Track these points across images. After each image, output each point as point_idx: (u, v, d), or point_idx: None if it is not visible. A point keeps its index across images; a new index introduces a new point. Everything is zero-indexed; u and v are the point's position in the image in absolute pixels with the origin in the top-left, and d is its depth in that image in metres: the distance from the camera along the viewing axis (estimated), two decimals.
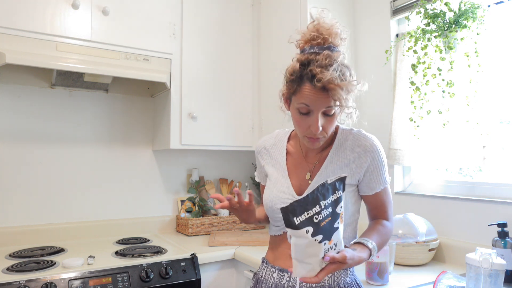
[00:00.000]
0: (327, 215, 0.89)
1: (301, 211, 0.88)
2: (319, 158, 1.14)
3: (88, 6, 1.88)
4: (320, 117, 1.00)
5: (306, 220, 0.87)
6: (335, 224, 0.91)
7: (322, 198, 0.90)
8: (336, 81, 0.95)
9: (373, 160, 1.07)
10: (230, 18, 2.32)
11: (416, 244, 1.58)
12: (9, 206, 1.98)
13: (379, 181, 1.09)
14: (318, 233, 0.87)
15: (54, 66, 1.77)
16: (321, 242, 0.87)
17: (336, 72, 0.95)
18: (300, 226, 0.87)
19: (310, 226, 0.87)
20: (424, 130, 1.76)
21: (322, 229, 0.88)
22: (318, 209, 0.89)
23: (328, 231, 0.89)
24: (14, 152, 2.01)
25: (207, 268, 1.81)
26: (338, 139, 1.12)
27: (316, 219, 0.88)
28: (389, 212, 1.14)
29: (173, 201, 2.45)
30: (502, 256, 1.31)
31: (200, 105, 2.19)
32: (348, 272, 1.11)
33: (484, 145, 1.57)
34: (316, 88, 0.97)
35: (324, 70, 0.95)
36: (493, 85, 1.58)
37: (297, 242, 0.88)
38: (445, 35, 1.63)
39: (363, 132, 1.11)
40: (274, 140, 1.24)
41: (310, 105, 0.99)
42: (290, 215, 0.87)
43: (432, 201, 1.77)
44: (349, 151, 1.09)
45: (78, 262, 1.56)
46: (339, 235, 0.92)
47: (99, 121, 2.24)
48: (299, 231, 0.87)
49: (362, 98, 2.15)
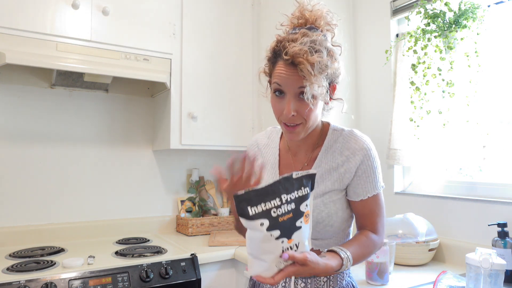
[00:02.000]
0: (288, 211, 0.82)
1: (258, 201, 0.81)
2: (308, 159, 1.06)
3: (88, 6, 1.88)
4: (294, 100, 0.93)
5: (263, 212, 0.80)
6: (297, 223, 0.83)
7: (284, 191, 0.83)
8: (305, 55, 0.88)
9: (362, 164, 1.00)
10: (230, 18, 2.32)
11: (416, 244, 1.58)
12: (9, 206, 1.98)
13: (366, 188, 1.01)
14: (275, 228, 0.80)
15: (54, 66, 1.77)
16: (279, 238, 0.81)
17: (306, 46, 0.89)
18: (255, 217, 0.80)
19: (266, 219, 0.80)
20: (424, 130, 1.76)
21: (281, 225, 0.81)
22: (277, 203, 0.82)
23: (287, 228, 0.82)
24: (14, 152, 2.01)
25: (207, 268, 1.80)
26: (327, 140, 1.05)
27: (274, 213, 0.81)
28: (378, 223, 1.03)
29: (173, 201, 2.45)
30: (502, 256, 1.31)
31: (200, 105, 2.19)
32: (345, 274, 1.06)
33: (484, 145, 1.57)
34: (287, 65, 0.92)
35: (294, 44, 0.90)
36: (493, 85, 1.58)
37: (252, 236, 0.82)
38: (445, 35, 1.63)
39: (354, 133, 1.04)
40: (267, 140, 1.18)
41: (282, 84, 0.94)
42: (245, 203, 0.80)
43: (432, 201, 1.77)
44: (338, 154, 1.02)
45: (78, 262, 1.56)
46: (302, 236, 0.84)
47: (99, 121, 2.24)
48: (253, 223, 0.80)
49: (362, 98, 2.15)
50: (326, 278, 1.02)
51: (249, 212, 0.80)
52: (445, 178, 1.81)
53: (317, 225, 1.01)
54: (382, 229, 1.05)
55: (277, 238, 0.81)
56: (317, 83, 0.90)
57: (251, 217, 0.80)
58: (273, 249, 0.81)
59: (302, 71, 0.89)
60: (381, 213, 1.04)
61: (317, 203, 1.00)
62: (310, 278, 1.01)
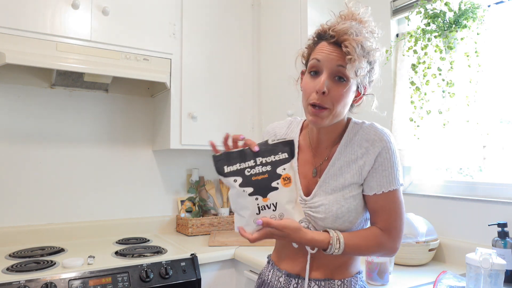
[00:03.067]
0: (263, 172, 0.91)
1: (233, 162, 0.92)
2: (328, 153, 1.04)
3: (88, 6, 1.88)
4: (329, 80, 0.93)
5: (237, 171, 0.91)
6: (273, 184, 0.90)
7: (260, 155, 0.92)
8: (352, 35, 0.90)
9: (379, 155, 0.96)
10: (230, 18, 2.32)
11: (416, 244, 1.58)
12: (9, 206, 1.98)
13: (381, 182, 0.96)
14: (248, 185, 0.90)
15: (54, 66, 1.77)
16: (252, 195, 0.90)
17: (353, 29, 0.91)
18: (229, 174, 0.91)
19: (239, 177, 0.90)
20: (424, 130, 1.75)
21: (254, 183, 0.90)
22: (251, 164, 0.91)
23: (262, 187, 0.90)
24: (14, 152, 2.01)
25: (207, 268, 1.80)
26: (347, 134, 1.02)
27: (248, 172, 0.91)
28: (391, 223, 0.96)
29: (173, 201, 2.45)
30: (502, 256, 1.31)
31: (200, 105, 2.19)
32: (358, 279, 1.05)
33: (484, 145, 1.57)
34: (330, 44, 0.93)
35: (341, 24, 0.93)
36: (493, 85, 1.58)
37: (231, 193, 0.93)
38: (445, 35, 1.63)
39: (375, 125, 1.01)
40: (286, 129, 1.14)
41: (321, 59, 0.93)
42: (221, 162, 0.92)
43: (432, 201, 1.77)
44: (357, 146, 0.99)
45: (78, 262, 1.56)
46: (280, 197, 0.91)
47: (99, 121, 2.24)
48: (227, 179, 0.91)
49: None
50: (340, 281, 1.01)
51: (224, 170, 0.92)
52: (445, 178, 1.81)
53: (336, 220, 0.97)
54: (395, 231, 0.96)
55: (250, 195, 0.90)
56: (360, 63, 0.90)
57: (225, 174, 0.92)
58: (248, 204, 0.90)
59: (347, 47, 0.89)
60: (396, 213, 0.96)
61: (337, 197, 0.98)
62: (324, 281, 1.00)
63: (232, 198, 0.93)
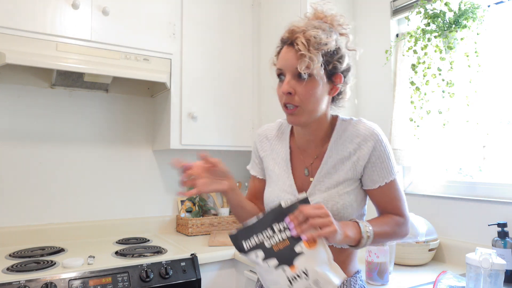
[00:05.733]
0: (283, 239, 0.84)
1: (250, 235, 0.86)
2: (318, 152, 1.05)
3: (88, 6, 1.88)
4: (292, 80, 0.95)
5: (256, 245, 0.85)
6: (296, 249, 0.82)
7: (276, 221, 0.85)
8: (303, 32, 0.93)
9: (375, 150, 0.98)
10: (230, 18, 2.32)
11: (416, 244, 1.58)
12: (9, 206, 1.98)
13: (382, 174, 0.99)
14: (271, 257, 0.83)
15: (54, 66, 1.77)
16: (278, 267, 0.83)
17: (305, 26, 0.94)
18: (249, 250, 0.85)
19: (260, 250, 0.84)
20: (424, 130, 1.75)
21: (276, 254, 0.83)
22: (270, 233, 0.85)
23: (285, 255, 0.83)
24: (14, 152, 2.01)
25: (207, 268, 1.80)
26: (337, 131, 1.04)
27: (267, 243, 0.84)
28: (401, 208, 1.03)
29: (173, 201, 2.45)
30: (502, 256, 1.31)
31: (200, 105, 2.19)
32: (357, 279, 1.06)
33: (484, 145, 1.57)
34: (287, 47, 0.96)
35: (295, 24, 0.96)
36: (493, 85, 1.58)
37: (258, 271, 0.87)
38: (445, 35, 1.63)
39: (363, 121, 1.03)
40: (276, 131, 1.15)
41: (281, 66, 0.97)
42: (240, 240, 0.86)
43: (432, 201, 1.77)
44: (348, 143, 1.01)
45: (78, 262, 1.56)
46: (308, 262, 0.82)
47: (99, 121, 2.24)
48: (249, 256, 0.85)
49: (362, 98, 2.15)
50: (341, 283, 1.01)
51: (244, 247, 0.86)
52: (445, 178, 1.81)
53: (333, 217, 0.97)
54: (406, 214, 1.04)
55: (276, 267, 0.83)
56: (311, 56, 0.91)
57: (246, 251, 0.86)
58: (277, 278, 0.83)
59: (297, 44, 0.92)
60: (401, 198, 1.03)
61: (331, 194, 0.99)
62: None
63: (261, 277, 0.87)
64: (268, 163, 1.13)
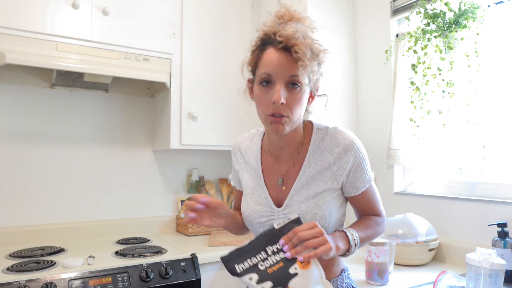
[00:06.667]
0: (277, 261, 0.83)
1: (244, 258, 0.86)
2: (293, 161, 1.02)
3: (88, 6, 1.88)
4: (284, 89, 0.90)
5: (250, 268, 0.85)
6: (291, 270, 0.82)
7: (269, 243, 0.84)
8: (300, 39, 0.87)
9: (356, 158, 0.98)
10: (230, 18, 2.32)
11: (416, 244, 1.58)
12: (9, 206, 1.98)
13: (364, 179, 1.00)
14: (265, 280, 0.83)
15: (54, 66, 1.77)
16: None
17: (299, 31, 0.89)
18: (243, 273, 0.85)
19: (254, 273, 0.84)
20: (424, 130, 1.76)
21: (271, 276, 0.83)
22: (263, 256, 0.84)
23: (280, 278, 0.82)
24: (14, 152, 2.01)
25: (207, 268, 1.80)
26: (314, 140, 1.01)
27: (261, 266, 0.84)
28: (379, 208, 1.07)
29: (173, 201, 2.45)
30: (502, 256, 1.31)
31: (200, 105, 2.19)
32: (344, 277, 1.06)
33: (484, 145, 1.57)
34: (278, 50, 0.90)
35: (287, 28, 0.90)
36: (493, 85, 1.58)
37: None
38: (445, 35, 1.63)
39: (339, 129, 1.01)
40: (249, 142, 1.14)
41: (272, 72, 0.90)
42: (231, 263, 0.86)
43: (432, 201, 1.77)
44: (327, 153, 0.99)
45: (78, 262, 1.56)
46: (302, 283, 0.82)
47: (99, 121, 2.24)
48: (243, 279, 0.85)
49: (362, 98, 2.15)
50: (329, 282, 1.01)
51: (237, 270, 0.86)
52: (445, 178, 1.81)
53: None
54: (383, 212, 1.09)
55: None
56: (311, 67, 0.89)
57: (239, 274, 0.86)
58: None
59: (297, 53, 0.87)
60: (378, 198, 1.08)
61: (309, 205, 0.97)
62: None
63: None
64: (242, 176, 1.13)
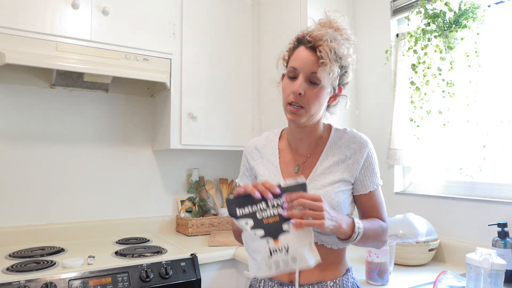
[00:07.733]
0: (274, 215, 0.90)
1: (245, 204, 0.92)
2: (311, 152, 1.12)
3: (88, 6, 1.88)
4: (304, 83, 1.02)
5: (249, 214, 0.91)
6: (284, 226, 0.89)
7: (272, 197, 0.91)
8: (327, 41, 0.98)
9: (368, 156, 1.08)
10: (230, 18, 2.32)
11: (416, 244, 1.58)
12: (9, 206, 1.98)
13: (373, 180, 1.09)
14: (259, 227, 0.90)
15: (54, 66, 1.77)
16: (263, 238, 0.89)
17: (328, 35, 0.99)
18: (241, 217, 0.91)
19: (251, 219, 0.90)
20: (424, 130, 1.75)
21: (265, 226, 0.90)
22: (263, 206, 0.91)
23: (272, 230, 0.89)
24: (14, 152, 2.01)
25: (207, 268, 1.80)
26: (332, 137, 1.12)
27: (259, 214, 0.91)
28: (384, 214, 1.12)
29: (173, 201, 2.45)
30: (502, 256, 1.31)
31: (200, 105, 2.19)
32: (349, 276, 1.08)
33: (484, 145, 1.57)
34: (307, 49, 1.01)
35: (319, 31, 1.01)
36: (493, 85, 1.58)
37: (243, 236, 0.94)
38: (445, 35, 1.63)
39: (355, 131, 1.13)
40: (264, 141, 1.22)
41: (297, 66, 1.02)
42: (234, 205, 0.92)
43: (432, 201, 1.77)
44: (344, 148, 1.09)
45: (78, 262, 1.56)
46: (291, 240, 0.88)
47: (99, 121, 2.24)
48: (239, 222, 0.91)
49: (362, 98, 2.15)
50: (332, 282, 1.04)
51: (237, 213, 0.92)
52: (445, 178, 1.81)
53: None
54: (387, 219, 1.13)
55: (261, 237, 0.89)
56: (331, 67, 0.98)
57: (238, 217, 0.92)
58: (260, 247, 0.89)
59: (321, 52, 0.98)
60: (384, 205, 1.13)
61: (327, 191, 1.04)
62: (316, 284, 1.03)
63: (245, 241, 0.94)
64: (258, 170, 1.18)
